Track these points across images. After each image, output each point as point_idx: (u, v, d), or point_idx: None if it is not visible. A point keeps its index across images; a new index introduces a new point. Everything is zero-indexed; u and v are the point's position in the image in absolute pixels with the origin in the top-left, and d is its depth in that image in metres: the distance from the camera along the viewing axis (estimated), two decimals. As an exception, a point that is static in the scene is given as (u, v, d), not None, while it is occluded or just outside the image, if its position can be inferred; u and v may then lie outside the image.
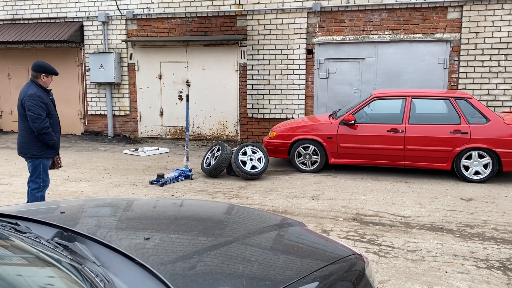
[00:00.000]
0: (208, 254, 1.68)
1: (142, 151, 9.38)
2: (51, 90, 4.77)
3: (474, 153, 6.71)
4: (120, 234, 1.82)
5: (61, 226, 1.78)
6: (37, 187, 4.69)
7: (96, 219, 2.01)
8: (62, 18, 11.44)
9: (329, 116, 7.85)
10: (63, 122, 12.06)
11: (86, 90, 11.64)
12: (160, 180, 6.62)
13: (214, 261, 1.63)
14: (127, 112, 11.37)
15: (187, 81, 10.79)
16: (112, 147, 10.20)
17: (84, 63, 11.52)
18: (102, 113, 11.56)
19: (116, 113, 11.44)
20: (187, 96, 7.55)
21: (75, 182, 6.81)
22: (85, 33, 11.36)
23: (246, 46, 10.23)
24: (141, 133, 11.36)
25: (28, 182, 4.74)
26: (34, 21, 11.65)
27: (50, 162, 4.80)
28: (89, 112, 11.71)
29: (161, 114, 11.11)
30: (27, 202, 4.83)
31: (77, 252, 1.55)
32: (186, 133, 7.37)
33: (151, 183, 6.69)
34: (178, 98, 10.93)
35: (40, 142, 4.59)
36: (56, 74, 4.73)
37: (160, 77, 10.99)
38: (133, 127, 11.43)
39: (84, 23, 11.32)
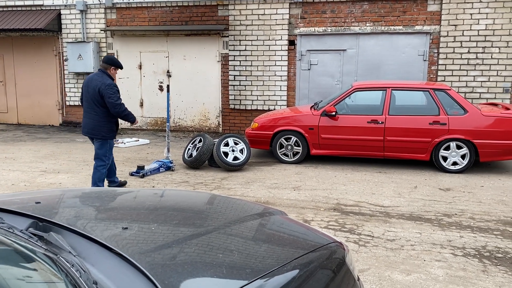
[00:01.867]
0: (188, 243, 1.66)
1: (122, 142, 9.26)
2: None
3: (452, 144, 6.82)
4: (97, 224, 1.79)
5: (36, 216, 1.73)
6: (102, 164, 5.38)
7: (73, 209, 1.97)
8: (38, 6, 11.14)
9: (311, 107, 7.87)
10: (41, 112, 11.81)
11: (64, 80, 11.40)
12: (140, 172, 6.54)
13: (194, 250, 1.62)
14: (107, 103, 11.17)
15: (168, 72, 10.67)
16: (92, 138, 10.03)
17: (62, 52, 11.26)
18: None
19: (95, 103, 11.23)
20: (168, 86, 7.46)
21: (53, 174, 6.68)
22: (62, 21, 11.09)
23: (227, 36, 10.16)
24: (121, 124, 11.17)
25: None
26: (9, 9, 11.31)
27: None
28: (67, 103, 11.47)
29: (141, 105, 10.97)
30: (92, 180, 5.47)
31: (52, 242, 1.51)
32: (167, 124, 7.29)
33: (131, 174, 6.61)
34: (159, 89, 10.80)
35: (110, 125, 5.36)
36: (122, 68, 5.56)
37: (140, 67, 10.83)
38: (113, 118, 11.25)
39: (62, 12, 11.05)
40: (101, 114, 5.27)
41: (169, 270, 1.40)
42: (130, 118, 5.46)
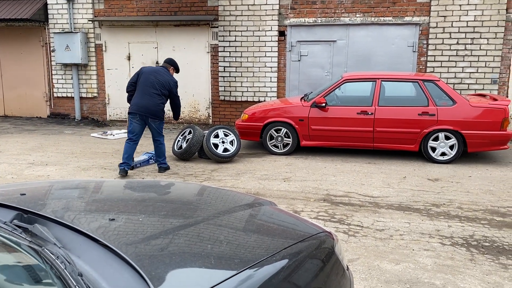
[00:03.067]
0: (176, 234, 1.65)
1: (111, 134, 9.18)
2: None
3: (441, 135, 6.87)
4: (84, 215, 1.76)
5: (21, 208, 1.70)
6: (163, 138, 6.37)
7: (59, 201, 1.94)
8: (24, -4, 10.92)
9: (301, 98, 7.86)
10: (28, 104, 11.64)
11: (51, 71, 11.23)
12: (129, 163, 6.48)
13: (182, 241, 1.60)
14: (95, 94, 11.06)
15: (157, 63, 10.56)
16: (80, 130, 9.93)
17: (49, 43, 11.08)
18: (69, 95, 11.20)
19: (84, 95, 11.11)
20: (157, 77, 7.37)
21: (41, 166, 6.60)
22: (49, 11, 10.90)
23: (217, 27, 10.07)
24: (110, 116, 11.09)
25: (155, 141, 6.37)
26: (-6, -2, 11.08)
27: None
28: (55, 94, 11.32)
29: (131, 96, 10.85)
30: (155, 154, 6.50)
31: (37, 234, 1.49)
32: (156, 115, 7.23)
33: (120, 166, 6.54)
34: (148, 80, 10.68)
35: (163, 110, 6.27)
36: (179, 72, 6.60)
37: (129, 58, 10.71)
38: (101, 109, 11.14)
39: (48, 1, 10.84)
40: (164, 101, 6.21)
41: (156, 261, 1.39)
42: (180, 112, 6.61)
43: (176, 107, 6.45)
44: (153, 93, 6.08)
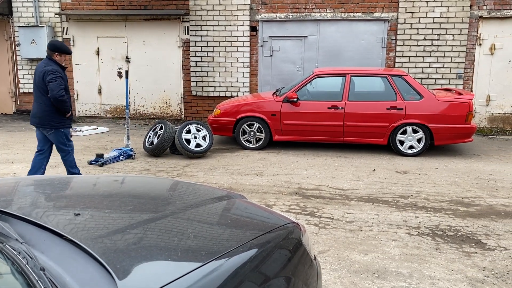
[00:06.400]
0: (143, 228, 1.64)
1: (80, 130, 8.98)
2: (66, 67, 5.15)
3: (409, 128, 7.04)
4: (48, 211, 1.73)
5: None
6: (66, 153, 5.10)
7: (23, 197, 1.90)
8: (-14, -12, 10.52)
9: (273, 93, 7.90)
10: (-8, 100, 11.24)
11: (16, 66, 10.88)
12: (99, 160, 6.38)
13: (149, 234, 1.60)
14: (63, 90, 10.77)
15: (127, 57, 10.39)
16: (48, 127, 9.66)
17: (14, 37, 10.73)
18: (36, 91, 10.87)
19: (51, 91, 10.80)
20: (127, 72, 7.26)
21: (6, 164, 6.41)
22: (13, 4, 10.54)
23: (188, 21, 9.98)
24: (79, 112, 10.85)
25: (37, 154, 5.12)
26: (-46, -10, 10.62)
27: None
28: (21, 90, 10.98)
29: (100, 92, 10.65)
30: (66, 169, 5.26)
31: (-2, 231, 1.45)
32: (126, 111, 7.13)
33: (90, 163, 6.44)
34: (118, 75, 10.51)
35: (59, 114, 4.93)
36: (67, 53, 5.05)
37: (98, 53, 10.48)
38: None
39: (12, -6, 10.49)
40: (48, 103, 4.85)
41: (122, 254, 1.38)
42: (65, 106, 4.88)
43: (52, 98, 4.80)
44: (37, 97, 4.99)
